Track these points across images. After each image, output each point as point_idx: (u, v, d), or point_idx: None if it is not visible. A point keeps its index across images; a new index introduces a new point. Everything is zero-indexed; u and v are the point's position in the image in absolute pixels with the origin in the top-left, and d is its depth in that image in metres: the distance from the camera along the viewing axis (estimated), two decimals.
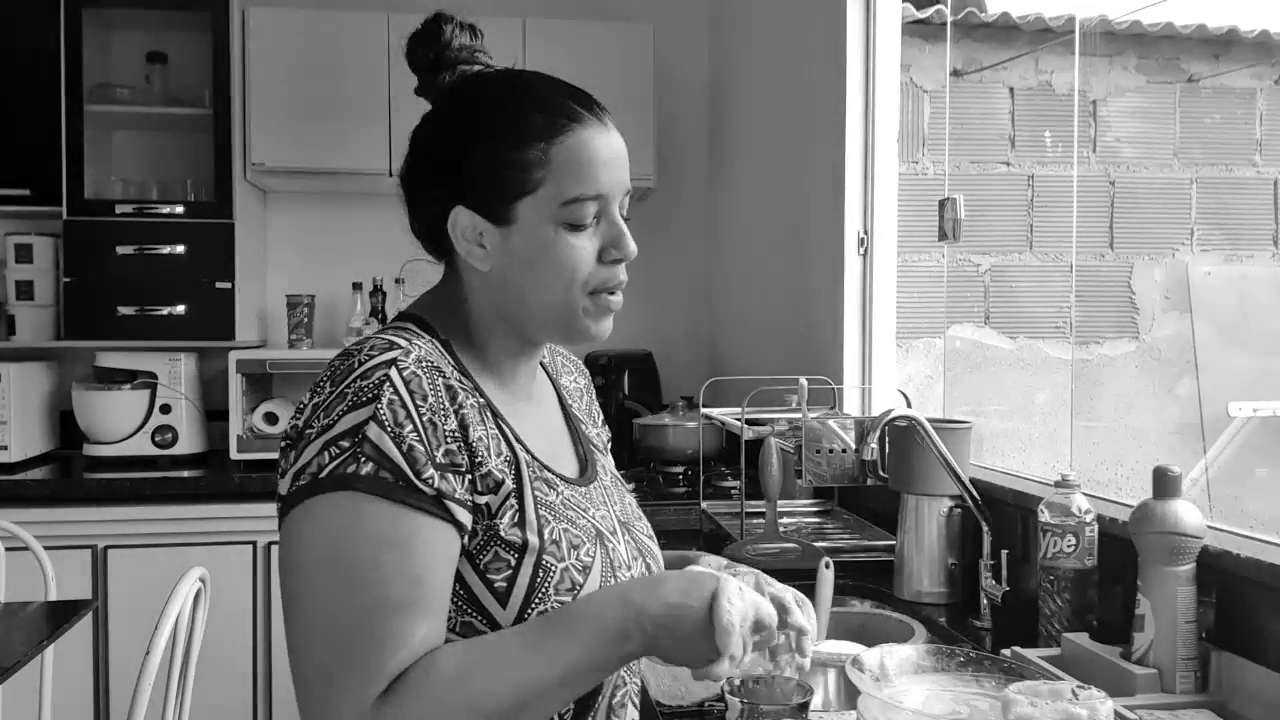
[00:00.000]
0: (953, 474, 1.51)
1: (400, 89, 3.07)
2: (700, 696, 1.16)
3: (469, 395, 0.88)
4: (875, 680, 0.98)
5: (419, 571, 0.81)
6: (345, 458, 0.81)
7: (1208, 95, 3.60)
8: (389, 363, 0.84)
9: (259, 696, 2.75)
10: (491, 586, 0.86)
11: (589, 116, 0.91)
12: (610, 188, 0.91)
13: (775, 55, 2.81)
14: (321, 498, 0.81)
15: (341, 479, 0.80)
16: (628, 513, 1.03)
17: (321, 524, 0.81)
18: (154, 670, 1.50)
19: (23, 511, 2.55)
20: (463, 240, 0.93)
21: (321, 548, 0.81)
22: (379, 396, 0.82)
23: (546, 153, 0.89)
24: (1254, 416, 3.42)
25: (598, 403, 1.18)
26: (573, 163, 0.89)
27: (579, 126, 0.90)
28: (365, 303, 3.21)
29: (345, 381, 0.83)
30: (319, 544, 0.81)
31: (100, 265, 2.92)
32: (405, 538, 0.81)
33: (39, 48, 2.93)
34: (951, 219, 2.03)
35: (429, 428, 0.83)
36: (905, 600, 1.60)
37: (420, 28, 0.97)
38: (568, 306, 0.92)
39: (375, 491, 0.80)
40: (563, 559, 0.88)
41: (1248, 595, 1.13)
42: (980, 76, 3.44)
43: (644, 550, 1.01)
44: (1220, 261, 3.61)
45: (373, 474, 0.80)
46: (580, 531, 0.91)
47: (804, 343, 2.53)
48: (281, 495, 0.85)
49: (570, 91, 0.93)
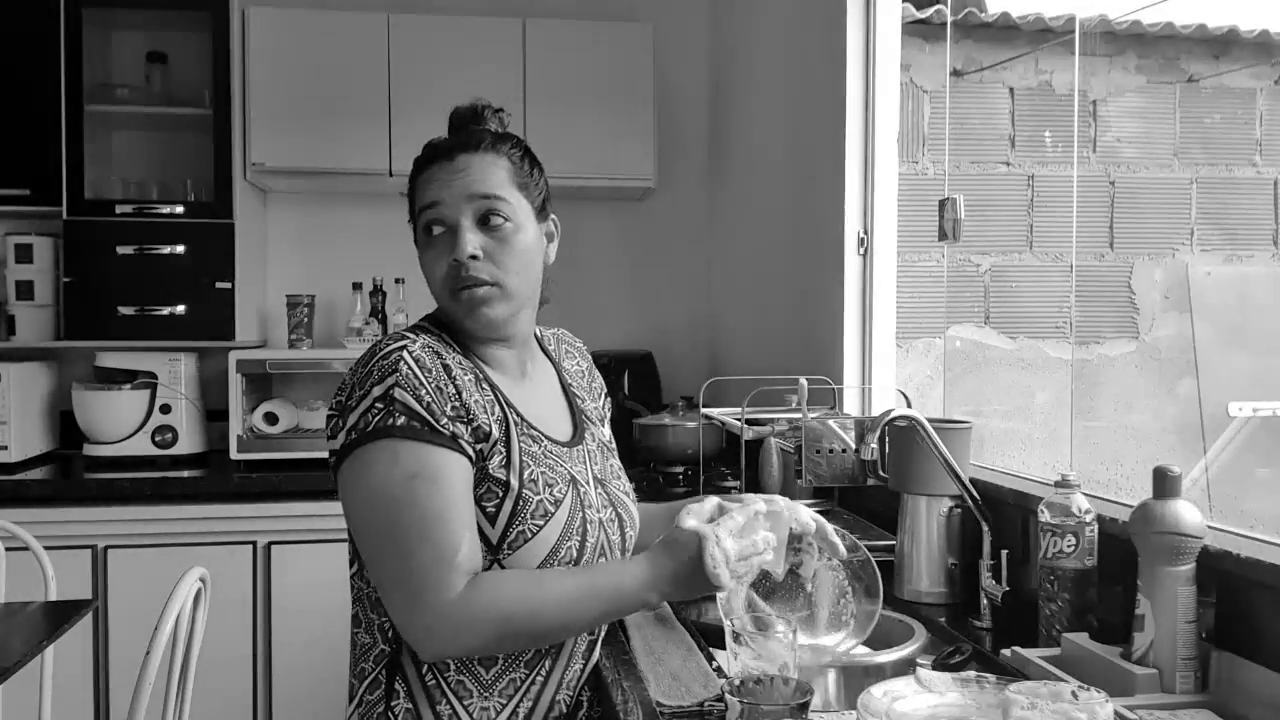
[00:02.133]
0: (953, 474, 1.51)
1: (400, 89, 3.07)
2: (700, 696, 1.16)
3: (467, 371, 1.14)
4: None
5: (449, 493, 1.06)
6: (382, 414, 1.07)
7: (1208, 95, 3.60)
8: (401, 348, 1.11)
9: (259, 696, 2.75)
10: (484, 511, 1.11)
11: (450, 152, 1.18)
12: (445, 198, 1.16)
13: (775, 55, 2.81)
14: (369, 446, 1.07)
15: (381, 430, 1.06)
16: (605, 472, 1.28)
17: (370, 466, 1.07)
18: (154, 670, 1.50)
19: (23, 511, 2.55)
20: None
21: (374, 483, 1.06)
22: (398, 369, 1.08)
23: (414, 180, 1.21)
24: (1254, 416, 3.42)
25: (598, 380, 1.42)
26: (422, 183, 1.19)
27: (433, 162, 1.18)
28: (365, 303, 3.21)
29: (370, 363, 1.10)
30: (371, 481, 1.06)
31: (100, 265, 2.92)
32: (435, 468, 1.06)
33: (39, 47, 2.92)
34: (951, 219, 2.03)
35: (436, 392, 1.09)
36: (905, 600, 1.60)
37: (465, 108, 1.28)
38: (448, 307, 1.19)
39: (408, 436, 1.06)
40: (538, 493, 1.13)
41: (1248, 595, 1.13)
42: (980, 76, 3.44)
43: (615, 502, 1.25)
44: (1220, 261, 3.61)
45: (405, 424, 1.06)
46: (556, 475, 1.16)
47: (804, 343, 2.53)
48: (335, 451, 1.10)
49: (453, 136, 1.22)
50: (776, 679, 1.00)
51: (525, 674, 1.15)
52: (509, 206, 1.17)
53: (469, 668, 1.13)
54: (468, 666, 1.13)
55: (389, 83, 3.07)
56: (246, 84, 3.03)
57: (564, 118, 3.15)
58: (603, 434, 1.35)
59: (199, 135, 3.08)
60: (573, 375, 1.36)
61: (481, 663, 1.13)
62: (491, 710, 1.13)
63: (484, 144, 1.18)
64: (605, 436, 1.35)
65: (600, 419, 1.36)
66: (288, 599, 2.75)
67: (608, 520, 1.22)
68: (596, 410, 1.36)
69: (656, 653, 1.31)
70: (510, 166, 1.19)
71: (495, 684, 1.14)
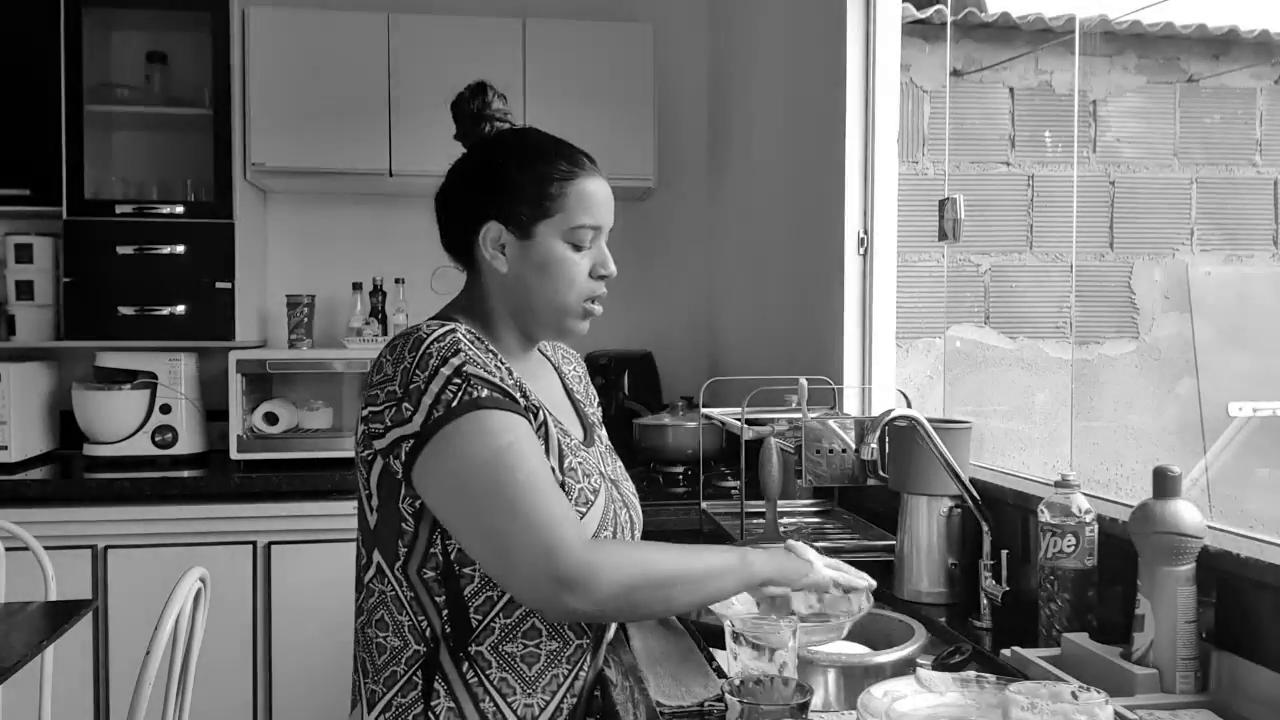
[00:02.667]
0: (953, 474, 1.51)
1: (400, 89, 3.07)
2: (701, 697, 1.16)
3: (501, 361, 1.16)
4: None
5: (539, 454, 1.10)
6: (464, 388, 1.08)
7: (1208, 95, 3.60)
8: (452, 329, 1.13)
9: (259, 696, 2.75)
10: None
11: (594, 169, 1.22)
12: (604, 221, 1.21)
13: (775, 55, 2.81)
14: (457, 421, 1.06)
15: (468, 404, 1.07)
16: (617, 473, 1.31)
17: (465, 439, 1.06)
18: (154, 670, 1.50)
19: (23, 511, 2.55)
20: (489, 248, 1.20)
21: (471, 454, 1.06)
22: (460, 347, 1.10)
23: (563, 188, 1.19)
24: (1254, 416, 3.42)
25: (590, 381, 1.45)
26: (583, 199, 1.19)
27: (586, 175, 1.21)
28: (365, 303, 3.21)
29: (424, 346, 1.10)
30: (468, 453, 1.06)
31: (100, 265, 2.92)
32: (525, 434, 1.09)
33: (39, 48, 2.92)
34: (951, 219, 2.03)
35: (496, 369, 1.12)
36: (905, 600, 1.60)
37: (467, 90, 1.29)
38: (564, 308, 1.20)
39: (495, 406, 1.08)
40: (579, 482, 1.15)
41: (1248, 595, 1.13)
42: (980, 76, 3.44)
43: (628, 503, 1.28)
44: (1220, 261, 3.61)
45: (489, 395, 1.08)
46: (590, 468, 1.19)
47: (804, 343, 2.53)
48: (412, 434, 1.07)
49: (581, 150, 1.24)
50: (776, 679, 1.00)
51: (568, 670, 1.16)
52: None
53: (512, 666, 1.12)
54: (511, 665, 1.12)
55: (389, 83, 3.07)
56: (246, 84, 3.03)
57: (564, 117, 3.13)
58: (604, 435, 1.38)
59: (199, 135, 3.08)
60: (572, 380, 1.39)
61: (524, 659, 1.13)
62: (536, 707, 1.13)
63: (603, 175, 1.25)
64: (607, 439, 1.38)
65: (600, 422, 1.40)
66: (288, 599, 2.75)
67: (623, 522, 1.24)
68: (594, 415, 1.39)
69: (657, 653, 1.32)
70: None
71: (538, 680, 1.13)
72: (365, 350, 3.04)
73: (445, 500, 1.08)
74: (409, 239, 3.40)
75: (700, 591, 1.13)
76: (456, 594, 1.11)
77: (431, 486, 1.08)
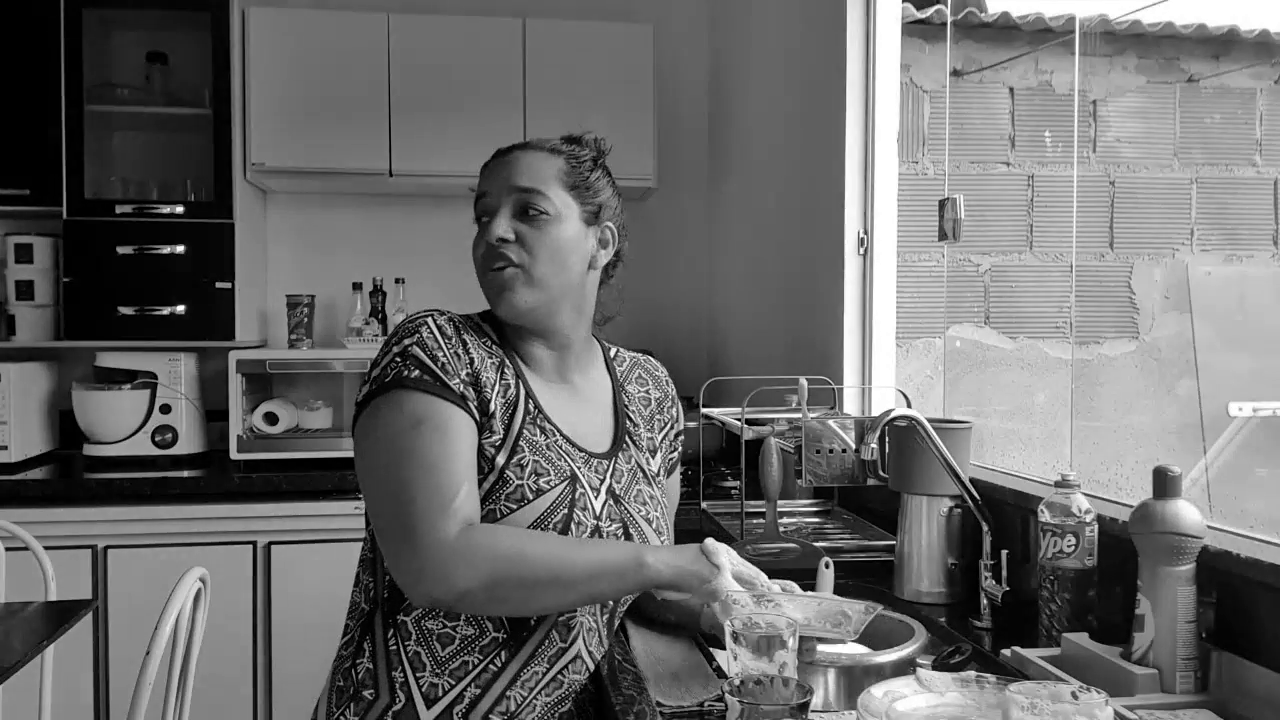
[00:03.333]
0: (953, 474, 1.51)
1: (400, 89, 3.07)
2: (701, 696, 1.16)
3: (493, 355, 1.21)
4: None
5: (453, 443, 1.11)
6: (398, 368, 1.13)
7: (1208, 95, 3.60)
8: (427, 315, 1.19)
9: (259, 696, 2.75)
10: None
11: (506, 151, 1.26)
12: (491, 188, 1.23)
13: (775, 55, 2.81)
14: (381, 397, 1.13)
15: (395, 381, 1.13)
16: (629, 492, 1.28)
17: (382, 414, 1.13)
18: (154, 670, 1.50)
19: (23, 511, 2.55)
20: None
21: (381, 430, 1.12)
22: (419, 331, 1.16)
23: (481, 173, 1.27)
24: (1254, 416, 3.42)
25: (672, 413, 1.42)
26: (482, 173, 1.26)
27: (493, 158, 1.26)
28: (365, 303, 3.21)
29: (398, 327, 1.18)
30: (380, 429, 1.12)
31: (100, 265, 2.93)
32: (442, 420, 1.11)
33: (39, 48, 2.92)
34: (951, 219, 2.03)
35: (453, 358, 1.16)
36: (905, 600, 1.60)
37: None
38: (483, 287, 1.24)
39: (419, 388, 1.12)
40: (521, 479, 1.16)
41: (1248, 595, 1.13)
42: (980, 76, 3.44)
43: (627, 521, 1.25)
44: (1220, 261, 3.61)
45: (418, 377, 1.13)
46: (552, 468, 1.19)
47: (804, 343, 2.53)
48: (358, 402, 1.16)
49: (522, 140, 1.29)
50: (776, 679, 1.00)
51: (479, 659, 1.17)
52: (549, 202, 1.22)
53: (427, 642, 1.16)
54: (426, 641, 1.16)
55: (389, 83, 3.07)
56: (246, 84, 3.03)
57: (564, 117, 3.13)
58: (645, 462, 1.33)
59: (199, 135, 3.08)
60: (634, 399, 1.37)
61: (440, 639, 1.16)
62: (440, 688, 1.16)
63: (546, 145, 1.25)
64: (650, 466, 1.34)
65: (653, 450, 1.36)
66: (288, 599, 2.75)
67: (611, 534, 1.23)
68: (651, 440, 1.36)
69: (656, 653, 1.32)
70: (565, 167, 1.24)
71: (448, 663, 1.16)
72: (365, 350, 3.04)
73: (358, 467, 1.16)
74: (409, 239, 3.40)
75: (574, 592, 1.13)
76: None
77: (356, 455, 1.16)
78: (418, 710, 1.15)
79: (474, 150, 3.34)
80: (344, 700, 1.18)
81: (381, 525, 1.11)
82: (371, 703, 1.16)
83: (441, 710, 1.15)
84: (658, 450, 1.38)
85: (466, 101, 3.06)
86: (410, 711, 1.15)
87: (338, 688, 1.20)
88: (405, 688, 1.15)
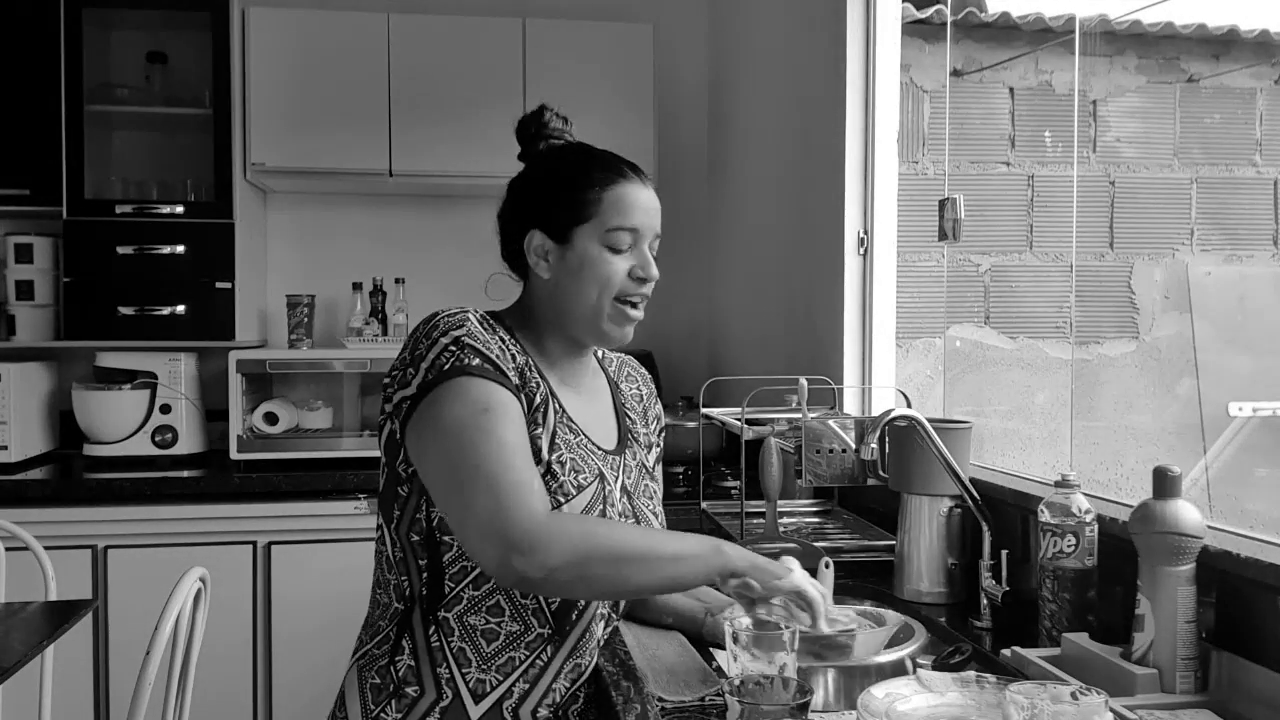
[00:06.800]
0: (953, 474, 1.51)
1: (400, 89, 3.07)
2: (701, 692, 1.16)
3: (518, 354, 1.21)
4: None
5: (521, 430, 1.14)
6: (455, 356, 1.13)
7: (1208, 95, 3.60)
8: (464, 310, 1.19)
9: (259, 696, 2.75)
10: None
11: (635, 176, 1.27)
12: (641, 225, 1.25)
13: (775, 55, 2.81)
14: (442, 385, 1.12)
15: (456, 369, 1.13)
16: (637, 487, 1.32)
17: (447, 402, 1.11)
18: (154, 670, 1.50)
19: (23, 511, 2.55)
20: (533, 255, 1.25)
21: (451, 417, 1.11)
22: (466, 322, 1.17)
23: (600, 195, 1.23)
24: (1254, 416, 3.42)
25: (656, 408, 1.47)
26: (618, 203, 1.23)
27: (626, 181, 1.25)
28: (365, 303, 3.21)
29: (434, 321, 1.17)
30: (448, 416, 1.11)
31: (100, 265, 2.93)
32: (506, 405, 1.13)
33: (39, 48, 2.92)
34: (951, 219, 2.03)
35: (500, 349, 1.17)
36: (905, 600, 1.60)
37: (529, 114, 1.32)
38: (598, 309, 1.24)
39: (482, 375, 1.13)
40: (565, 474, 1.18)
41: (1248, 595, 1.13)
42: (980, 76, 3.44)
43: (640, 517, 1.29)
44: (1220, 261, 3.61)
45: (479, 364, 1.13)
46: (585, 465, 1.21)
47: (804, 343, 2.53)
48: (409, 398, 1.14)
49: (624, 160, 1.28)
50: (776, 679, 1.00)
51: (525, 655, 1.18)
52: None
53: (471, 638, 1.16)
54: (470, 637, 1.16)
55: (389, 83, 3.07)
56: (246, 84, 3.03)
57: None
58: (645, 458, 1.38)
59: (199, 135, 3.08)
60: (629, 398, 1.42)
61: (485, 634, 1.17)
62: (487, 684, 1.17)
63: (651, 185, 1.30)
64: (649, 462, 1.39)
65: (648, 445, 1.41)
66: (288, 599, 2.75)
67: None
68: (646, 435, 1.41)
69: (650, 649, 1.32)
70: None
71: (495, 658, 1.17)
72: (365, 350, 3.04)
73: (423, 456, 1.13)
74: (409, 239, 3.40)
75: (660, 572, 1.13)
76: (435, 560, 1.16)
77: (414, 443, 1.14)
78: (465, 706, 1.16)
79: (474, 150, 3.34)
80: (383, 698, 1.17)
81: (464, 510, 1.07)
82: (416, 699, 1.16)
83: (490, 706, 1.16)
84: (652, 446, 1.42)
85: (466, 101, 3.06)
86: (458, 707, 1.15)
87: (374, 685, 1.18)
88: (451, 683, 1.16)
